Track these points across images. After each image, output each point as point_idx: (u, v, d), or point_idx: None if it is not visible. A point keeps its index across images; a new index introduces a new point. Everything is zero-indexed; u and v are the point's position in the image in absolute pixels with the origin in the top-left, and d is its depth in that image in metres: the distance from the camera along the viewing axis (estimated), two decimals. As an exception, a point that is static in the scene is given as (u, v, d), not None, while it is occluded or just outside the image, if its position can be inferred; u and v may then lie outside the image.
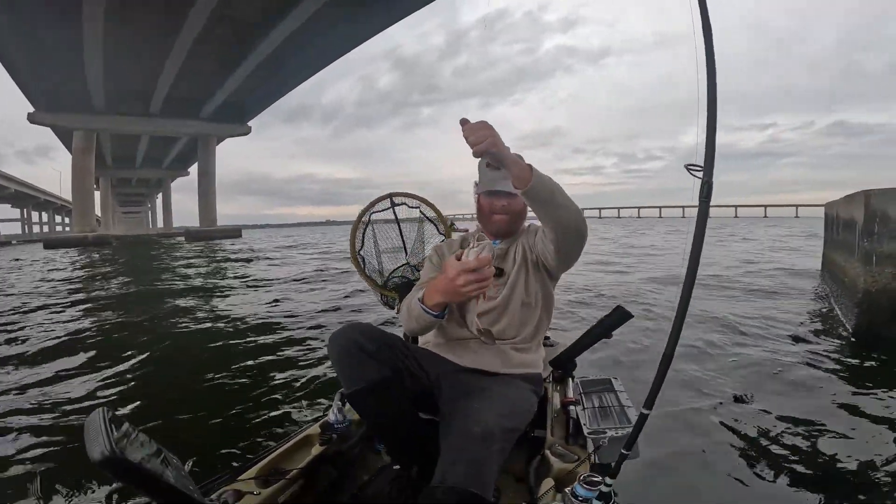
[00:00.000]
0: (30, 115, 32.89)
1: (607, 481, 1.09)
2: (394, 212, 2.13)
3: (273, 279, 9.66)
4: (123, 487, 1.80)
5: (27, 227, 76.90)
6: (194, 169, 45.18)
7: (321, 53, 27.85)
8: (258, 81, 29.53)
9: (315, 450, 1.41)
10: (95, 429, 0.80)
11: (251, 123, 39.33)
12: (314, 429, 1.48)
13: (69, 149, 36.50)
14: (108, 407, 0.90)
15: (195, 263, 15.03)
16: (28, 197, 68.16)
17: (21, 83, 29.02)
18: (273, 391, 3.00)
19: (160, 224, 78.12)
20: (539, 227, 1.40)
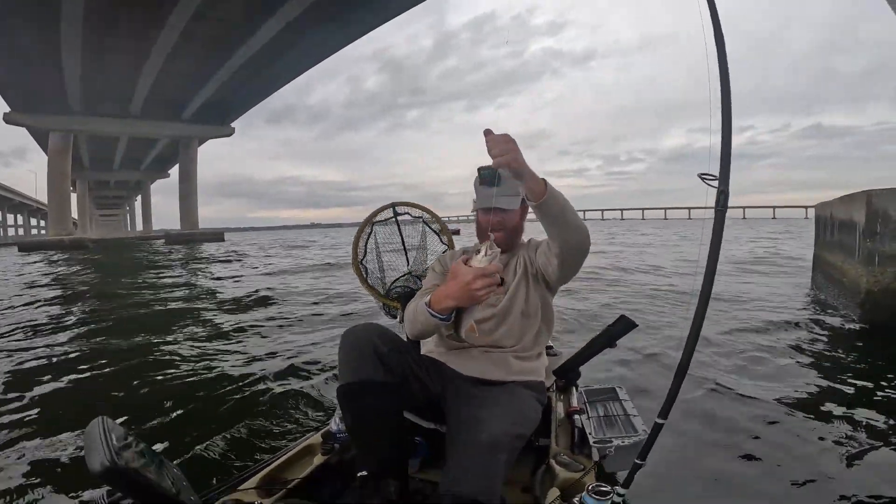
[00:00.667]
0: (5, 116, 32.01)
1: (619, 491, 1.09)
2: (396, 221, 2.12)
3: (271, 285, 9.48)
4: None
5: (2, 230, 74.64)
6: (175, 171, 44.40)
7: (307, 54, 27.56)
8: (242, 82, 29.08)
9: (317, 459, 1.40)
10: (94, 438, 0.79)
11: (234, 124, 38.78)
12: (316, 438, 1.48)
13: (45, 150, 35.56)
14: (107, 416, 0.88)
15: (192, 268, 14.77)
16: (2, 199, 66.26)
17: (-4, 83, 28.21)
18: (274, 400, 2.95)
19: (139, 227, 76.46)
20: (540, 242, 1.45)
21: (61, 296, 8.62)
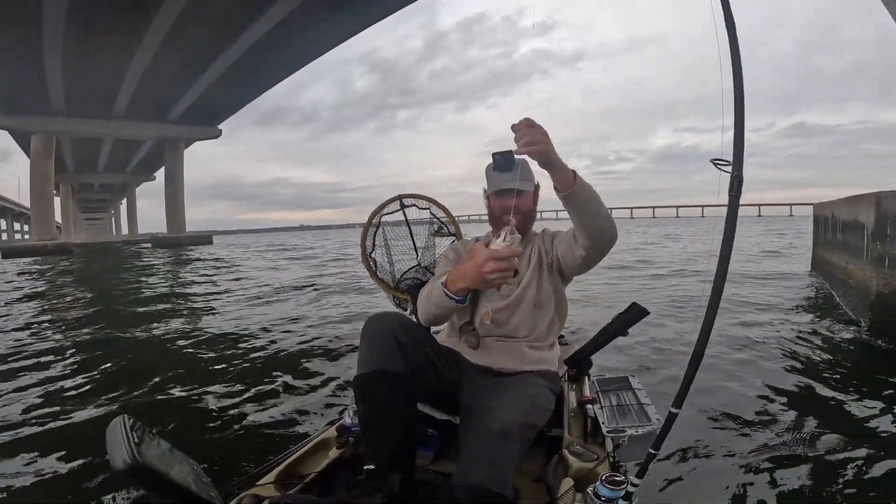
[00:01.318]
0: (-15, 117, 31.24)
1: (634, 481, 1.09)
2: (404, 213, 2.13)
3: (282, 284, 9.50)
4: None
5: (-16, 236, 72.92)
6: (161, 173, 43.72)
7: (296, 55, 27.29)
8: (230, 83, 28.65)
9: (332, 453, 1.40)
10: (116, 436, 0.81)
11: (223, 126, 38.31)
12: (330, 432, 1.48)
13: (27, 153, 34.79)
14: (129, 414, 0.89)
15: (198, 269, 14.70)
16: (-17, 204, 64.82)
17: (-25, 84, 27.52)
18: (288, 395, 2.99)
19: (125, 231, 75.10)
20: (556, 232, 1.46)
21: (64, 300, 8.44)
